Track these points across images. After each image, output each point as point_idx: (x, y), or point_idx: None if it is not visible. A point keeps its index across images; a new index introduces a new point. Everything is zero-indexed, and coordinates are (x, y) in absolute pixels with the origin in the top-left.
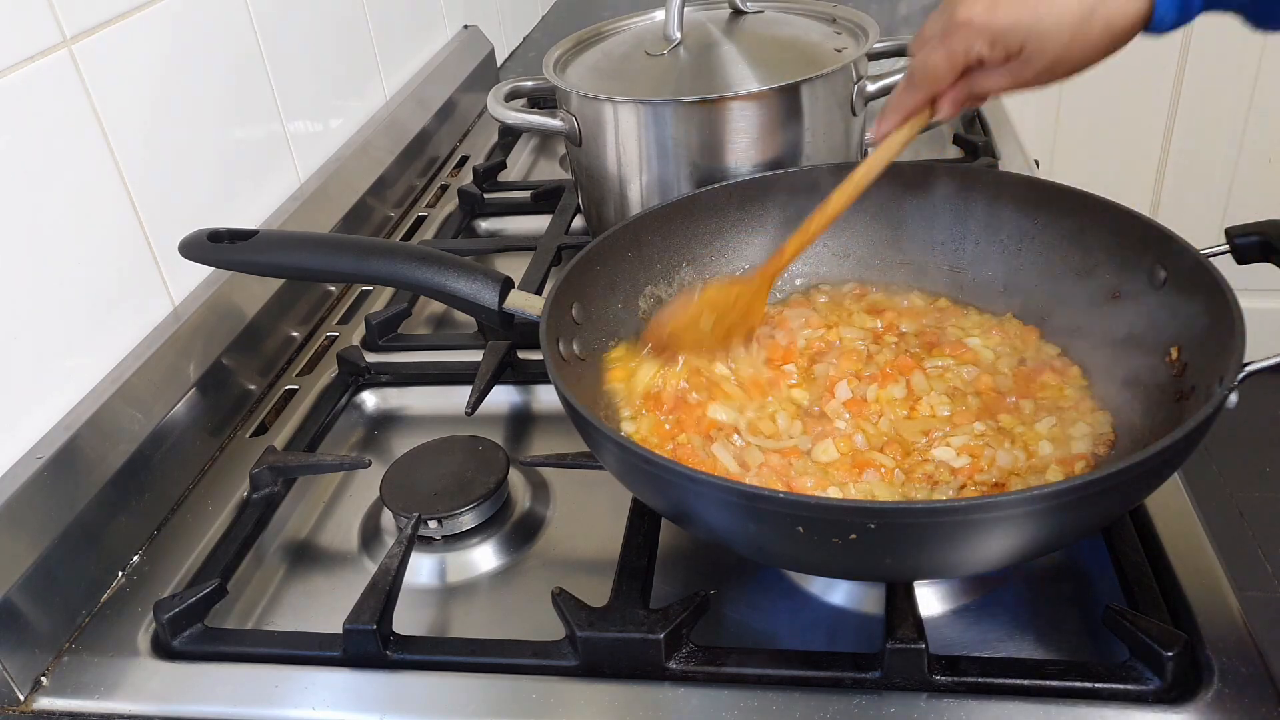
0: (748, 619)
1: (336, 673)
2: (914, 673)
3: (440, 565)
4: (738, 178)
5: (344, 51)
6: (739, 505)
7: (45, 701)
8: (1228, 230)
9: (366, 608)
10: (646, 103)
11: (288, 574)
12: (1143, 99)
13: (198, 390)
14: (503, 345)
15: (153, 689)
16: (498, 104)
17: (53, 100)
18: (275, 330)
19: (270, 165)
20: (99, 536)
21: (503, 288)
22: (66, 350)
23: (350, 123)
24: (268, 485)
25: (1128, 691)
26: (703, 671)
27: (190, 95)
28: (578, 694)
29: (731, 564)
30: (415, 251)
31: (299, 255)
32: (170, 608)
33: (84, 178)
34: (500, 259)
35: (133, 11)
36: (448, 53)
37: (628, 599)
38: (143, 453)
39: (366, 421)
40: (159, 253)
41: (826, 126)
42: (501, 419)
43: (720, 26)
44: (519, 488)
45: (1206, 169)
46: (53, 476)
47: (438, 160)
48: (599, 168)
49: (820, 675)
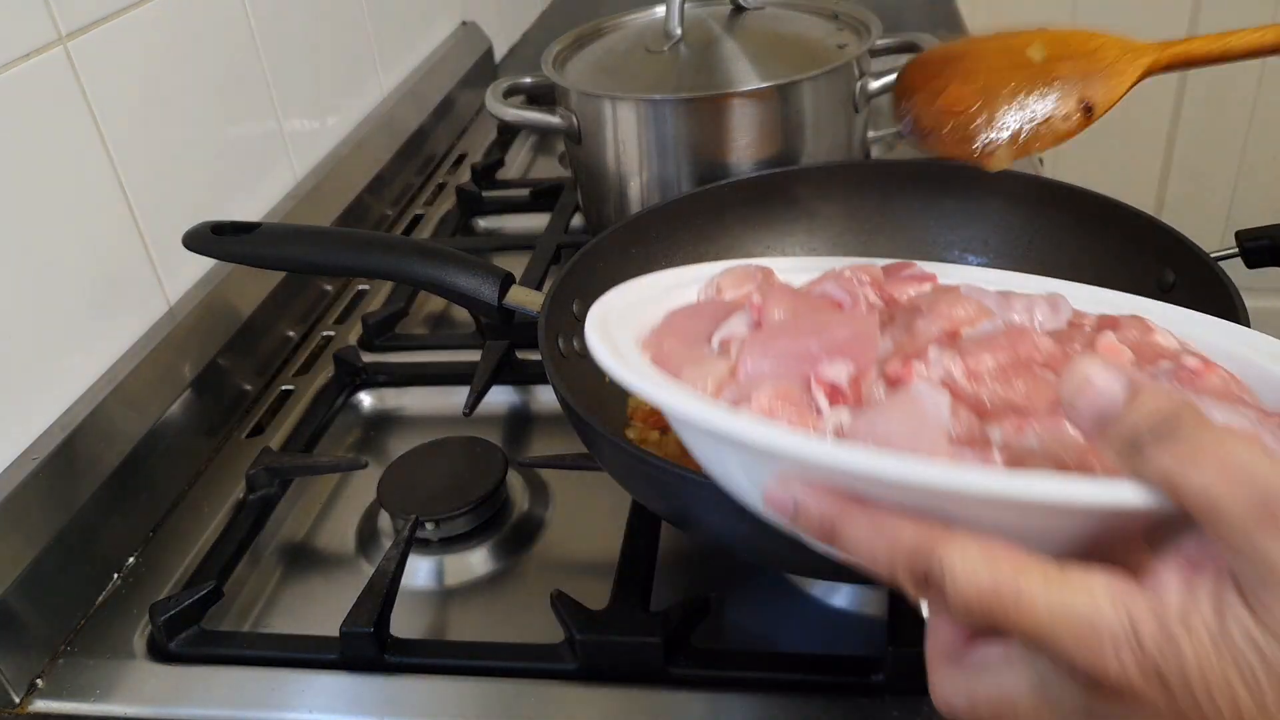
0: (749, 622)
1: (333, 676)
2: (917, 677)
3: (438, 567)
4: (739, 175)
5: (341, 48)
6: (736, 506)
7: (40, 704)
8: (1238, 234)
9: (363, 610)
10: (647, 100)
11: (284, 576)
12: (1147, 98)
13: (193, 391)
14: (501, 345)
15: (149, 691)
16: (496, 101)
17: (48, 98)
18: (271, 330)
19: (267, 163)
20: (94, 538)
21: (503, 283)
22: (61, 350)
23: (347, 120)
24: (264, 486)
25: None
26: (703, 675)
27: (186, 93)
28: (576, 698)
29: (732, 567)
30: (416, 245)
31: (301, 248)
32: (166, 610)
33: (79, 176)
34: (499, 257)
35: (128, 8)
36: (445, 49)
37: (627, 602)
38: (138, 454)
39: (363, 422)
40: (154, 252)
41: (829, 124)
42: (500, 420)
43: (721, 23)
44: (517, 489)
45: (1211, 169)
46: (48, 478)
47: (435, 158)
48: (599, 165)
49: (822, 679)
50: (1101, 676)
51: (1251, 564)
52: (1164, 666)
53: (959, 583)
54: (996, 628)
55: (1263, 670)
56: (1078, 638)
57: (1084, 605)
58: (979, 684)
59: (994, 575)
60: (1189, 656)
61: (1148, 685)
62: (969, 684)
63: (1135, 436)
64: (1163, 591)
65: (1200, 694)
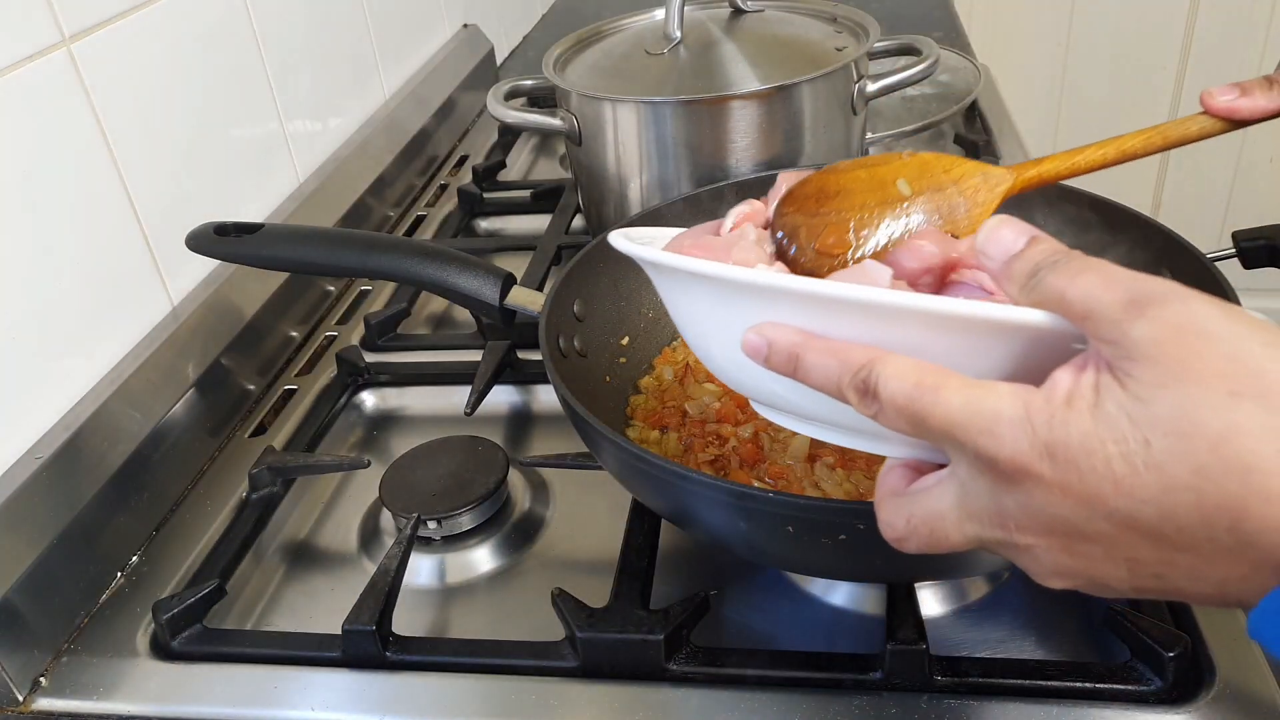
0: (748, 620)
1: (335, 673)
2: (915, 674)
3: (439, 566)
4: (738, 177)
5: (343, 51)
6: (730, 505)
7: (44, 702)
8: (1234, 234)
9: (365, 608)
10: (647, 102)
11: (287, 574)
12: (1144, 99)
13: (196, 390)
14: (502, 345)
15: (152, 689)
16: (497, 103)
17: (51, 100)
18: (274, 330)
19: (269, 164)
20: (98, 537)
21: (504, 284)
22: (65, 350)
23: (349, 122)
24: (267, 485)
25: (1129, 692)
26: (703, 672)
27: (189, 95)
28: (577, 695)
29: (732, 565)
30: (418, 246)
31: (303, 249)
32: (169, 608)
33: (82, 177)
34: (500, 258)
35: (131, 11)
36: (447, 52)
37: (628, 600)
38: (141, 453)
39: (365, 421)
40: (158, 252)
41: (827, 126)
42: (501, 419)
43: (720, 25)
44: (519, 488)
45: (1208, 169)
46: (52, 477)
47: (437, 159)
48: (599, 167)
49: (821, 676)
50: (1004, 460)
51: (1122, 347)
52: (1051, 439)
53: (890, 384)
54: (921, 429)
55: (1130, 430)
56: (982, 427)
57: (990, 400)
58: (914, 505)
59: (920, 377)
60: (1072, 429)
61: (1040, 462)
62: (907, 507)
63: (1035, 268)
64: (1054, 385)
65: (1082, 461)
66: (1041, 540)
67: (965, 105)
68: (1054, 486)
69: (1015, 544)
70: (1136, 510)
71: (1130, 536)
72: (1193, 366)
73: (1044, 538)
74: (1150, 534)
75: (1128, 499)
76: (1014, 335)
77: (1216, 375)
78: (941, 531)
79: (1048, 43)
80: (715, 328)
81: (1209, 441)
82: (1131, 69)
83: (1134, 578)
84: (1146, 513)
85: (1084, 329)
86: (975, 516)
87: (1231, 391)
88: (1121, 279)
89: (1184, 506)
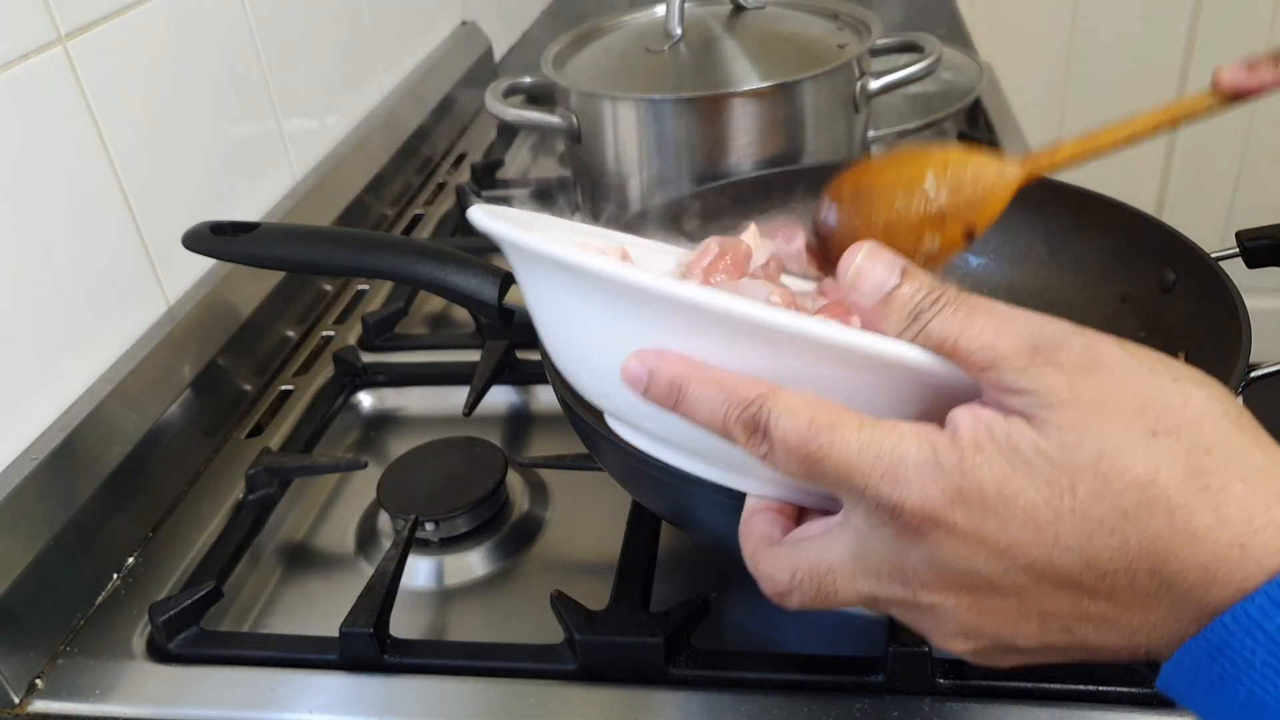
0: (749, 622)
1: (333, 676)
2: (917, 676)
3: (438, 568)
4: (739, 175)
5: (340, 48)
6: (731, 506)
7: (40, 704)
8: (1238, 233)
9: (363, 611)
10: (646, 99)
11: (284, 576)
12: (1147, 97)
13: (193, 391)
14: (501, 345)
15: (148, 692)
16: (496, 101)
17: (47, 98)
18: (270, 330)
19: (266, 163)
20: (94, 538)
21: (503, 283)
22: (60, 350)
23: (346, 120)
24: (263, 487)
25: (1132, 694)
26: (703, 675)
27: (185, 92)
28: (576, 698)
29: (733, 567)
30: (416, 245)
31: (300, 248)
32: (166, 610)
33: (78, 176)
34: (498, 257)
35: (128, 8)
36: (445, 49)
37: (627, 602)
38: (137, 454)
39: (363, 422)
40: (153, 252)
41: (828, 123)
42: (499, 420)
43: (721, 22)
44: (517, 489)
45: (1212, 168)
46: (47, 478)
47: (435, 157)
48: (598, 165)
49: (822, 679)
50: (910, 508)
51: (1033, 394)
52: (963, 484)
53: (782, 422)
54: (815, 473)
55: (1053, 475)
56: (885, 471)
57: (891, 441)
58: (800, 556)
59: (814, 416)
60: (984, 474)
61: (951, 508)
62: (792, 558)
63: (914, 310)
64: (957, 426)
65: (1000, 509)
66: (949, 598)
67: (968, 103)
68: (968, 536)
69: (917, 603)
70: (1058, 559)
71: (1045, 588)
72: (1107, 407)
73: (952, 595)
74: (1068, 583)
75: (1050, 547)
76: (915, 372)
77: (1133, 414)
78: (830, 587)
79: (1051, 40)
80: (572, 326)
81: (1135, 483)
82: (1135, 67)
83: (1044, 633)
84: (1068, 561)
85: (981, 378)
86: (872, 571)
87: (1151, 431)
88: (1016, 322)
89: (1108, 551)
